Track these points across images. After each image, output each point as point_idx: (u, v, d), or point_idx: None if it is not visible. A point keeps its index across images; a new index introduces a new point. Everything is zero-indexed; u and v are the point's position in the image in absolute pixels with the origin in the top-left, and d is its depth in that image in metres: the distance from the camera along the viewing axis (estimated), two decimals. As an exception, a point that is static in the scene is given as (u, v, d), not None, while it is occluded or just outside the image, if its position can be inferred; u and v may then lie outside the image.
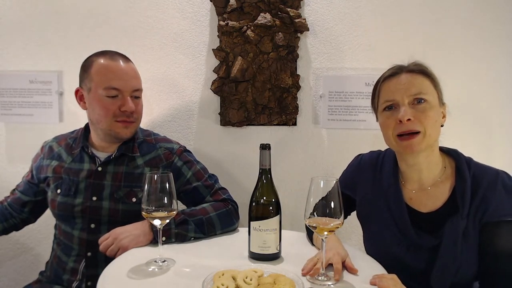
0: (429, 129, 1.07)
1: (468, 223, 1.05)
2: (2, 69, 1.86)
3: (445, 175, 1.13)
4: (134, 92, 1.37)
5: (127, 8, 1.80)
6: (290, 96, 1.76)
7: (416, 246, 1.10)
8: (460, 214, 1.05)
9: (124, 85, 1.34)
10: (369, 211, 1.23)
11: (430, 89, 1.09)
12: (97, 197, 1.35)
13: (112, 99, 1.33)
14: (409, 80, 1.10)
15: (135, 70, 1.41)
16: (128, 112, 1.34)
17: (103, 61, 1.34)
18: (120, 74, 1.34)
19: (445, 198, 1.11)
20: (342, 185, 1.29)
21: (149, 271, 1.04)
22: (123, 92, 1.34)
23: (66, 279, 1.36)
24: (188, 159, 1.45)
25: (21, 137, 1.88)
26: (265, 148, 1.13)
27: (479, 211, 1.05)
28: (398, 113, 1.08)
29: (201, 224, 1.29)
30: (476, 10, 1.71)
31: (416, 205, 1.14)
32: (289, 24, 1.72)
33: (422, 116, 1.06)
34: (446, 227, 1.06)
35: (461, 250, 1.04)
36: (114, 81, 1.32)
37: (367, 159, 1.29)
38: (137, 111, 1.38)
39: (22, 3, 1.83)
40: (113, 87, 1.32)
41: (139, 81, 1.41)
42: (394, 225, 1.14)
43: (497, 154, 1.74)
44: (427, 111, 1.07)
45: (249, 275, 0.94)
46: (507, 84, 1.72)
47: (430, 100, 1.08)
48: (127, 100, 1.34)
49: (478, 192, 1.05)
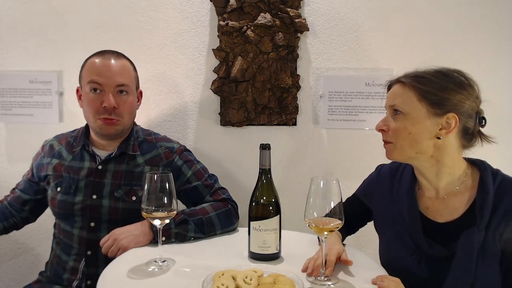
0: (400, 141, 1.07)
1: (487, 237, 1.00)
2: (2, 69, 1.86)
3: (464, 185, 1.09)
4: (118, 87, 1.35)
5: (127, 8, 1.80)
6: (290, 96, 1.76)
7: (428, 257, 1.07)
8: (477, 226, 1.01)
9: (105, 80, 1.33)
10: (384, 220, 1.22)
11: (409, 100, 1.06)
12: (97, 196, 1.35)
13: (94, 94, 1.33)
14: (393, 91, 1.12)
15: (123, 66, 1.38)
16: (108, 108, 1.32)
17: (94, 58, 1.37)
18: (103, 69, 1.34)
19: (464, 209, 1.07)
20: (361, 193, 1.31)
21: (149, 271, 1.04)
22: (105, 87, 1.33)
23: (66, 278, 1.36)
24: (188, 159, 1.45)
25: (21, 137, 1.87)
26: (265, 148, 1.13)
27: (500, 225, 1.00)
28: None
29: (201, 224, 1.29)
30: (477, 10, 1.71)
31: (432, 215, 1.11)
32: (289, 24, 1.72)
33: (394, 126, 1.08)
34: (461, 239, 1.02)
35: (477, 264, 1.00)
36: (95, 76, 1.33)
37: (386, 170, 1.27)
38: (122, 107, 1.35)
39: (22, 3, 1.83)
40: (94, 81, 1.33)
41: (126, 77, 1.37)
42: (407, 234, 1.12)
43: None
44: (401, 121, 1.07)
45: (249, 275, 0.94)
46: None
47: (406, 111, 1.06)
48: (108, 95, 1.32)
49: (500, 205, 1.01)
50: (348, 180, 1.36)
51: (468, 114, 1.05)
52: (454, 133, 1.05)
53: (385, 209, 1.20)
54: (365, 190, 1.31)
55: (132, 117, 1.43)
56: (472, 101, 1.05)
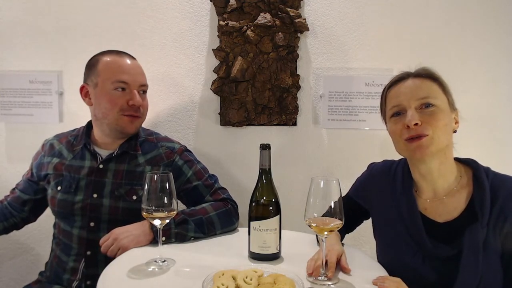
0: (438, 132, 1.03)
1: (488, 233, 1.01)
2: (2, 69, 1.86)
3: (460, 184, 1.09)
4: (141, 87, 1.41)
5: (127, 8, 1.80)
6: (290, 96, 1.76)
7: (432, 257, 1.06)
8: (480, 223, 1.01)
9: (132, 79, 1.37)
10: (382, 221, 1.21)
11: (438, 94, 1.06)
12: (98, 195, 1.35)
13: (120, 92, 1.36)
14: (416, 84, 1.07)
15: (141, 67, 1.46)
16: (135, 106, 1.37)
17: (110, 57, 1.39)
18: (128, 69, 1.38)
19: (462, 207, 1.07)
20: (354, 194, 1.30)
21: (149, 271, 1.04)
22: (131, 86, 1.37)
23: (66, 279, 1.35)
24: (189, 158, 1.45)
25: (21, 137, 1.87)
26: (265, 148, 1.13)
27: (499, 221, 1.01)
28: (405, 118, 1.05)
29: (201, 223, 1.29)
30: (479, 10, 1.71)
31: (431, 215, 1.10)
32: (289, 24, 1.72)
33: (430, 119, 1.03)
34: (466, 237, 1.02)
35: (482, 261, 1.00)
36: (122, 75, 1.35)
37: (379, 168, 1.27)
38: (143, 106, 1.42)
39: (22, 3, 1.83)
40: (122, 81, 1.35)
41: (145, 78, 1.46)
42: (408, 235, 1.11)
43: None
44: (435, 115, 1.03)
45: (249, 275, 0.94)
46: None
47: (438, 104, 1.05)
48: (135, 94, 1.37)
49: (497, 202, 1.02)
50: (348, 180, 1.35)
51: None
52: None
53: (384, 210, 1.20)
54: (359, 190, 1.30)
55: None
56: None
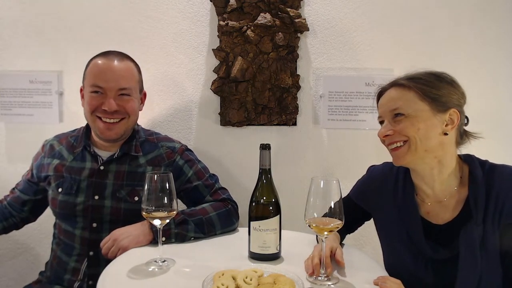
0: (413, 139, 1.04)
1: (486, 229, 1.00)
2: (2, 69, 1.86)
3: (461, 184, 1.09)
4: (120, 90, 1.35)
5: (127, 8, 1.80)
6: (290, 96, 1.76)
7: (434, 261, 1.06)
8: (474, 220, 1.01)
9: (107, 84, 1.33)
10: (384, 225, 1.21)
11: (412, 102, 1.05)
12: (99, 196, 1.35)
13: (95, 95, 1.34)
14: (390, 96, 1.11)
15: (127, 69, 1.38)
16: (109, 112, 1.33)
17: (97, 60, 1.36)
18: (106, 73, 1.33)
19: (460, 206, 1.06)
20: (354, 196, 1.30)
21: (149, 271, 1.04)
22: (106, 91, 1.33)
23: (67, 279, 1.35)
24: (189, 158, 1.45)
25: (21, 137, 1.87)
26: (265, 148, 1.13)
27: (496, 213, 1.00)
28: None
29: (201, 224, 1.29)
30: (477, 10, 1.71)
31: (433, 218, 1.10)
32: (289, 24, 1.72)
33: (400, 128, 1.06)
34: (461, 237, 1.01)
35: (481, 259, 0.99)
36: (98, 80, 1.33)
37: (378, 171, 1.26)
38: (127, 109, 1.36)
39: (22, 3, 1.83)
40: (96, 85, 1.33)
41: (129, 81, 1.37)
42: (408, 240, 1.11)
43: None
44: (405, 123, 1.05)
45: (249, 275, 0.94)
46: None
47: (409, 113, 1.05)
48: (108, 99, 1.33)
49: (491, 193, 1.01)
50: (348, 180, 1.35)
51: (463, 110, 1.09)
52: (455, 129, 1.07)
53: (385, 214, 1.19)
54: (359, 193, 1.29)
55: (135, 119, 1.43)
56: (463, 98, 1.09)
